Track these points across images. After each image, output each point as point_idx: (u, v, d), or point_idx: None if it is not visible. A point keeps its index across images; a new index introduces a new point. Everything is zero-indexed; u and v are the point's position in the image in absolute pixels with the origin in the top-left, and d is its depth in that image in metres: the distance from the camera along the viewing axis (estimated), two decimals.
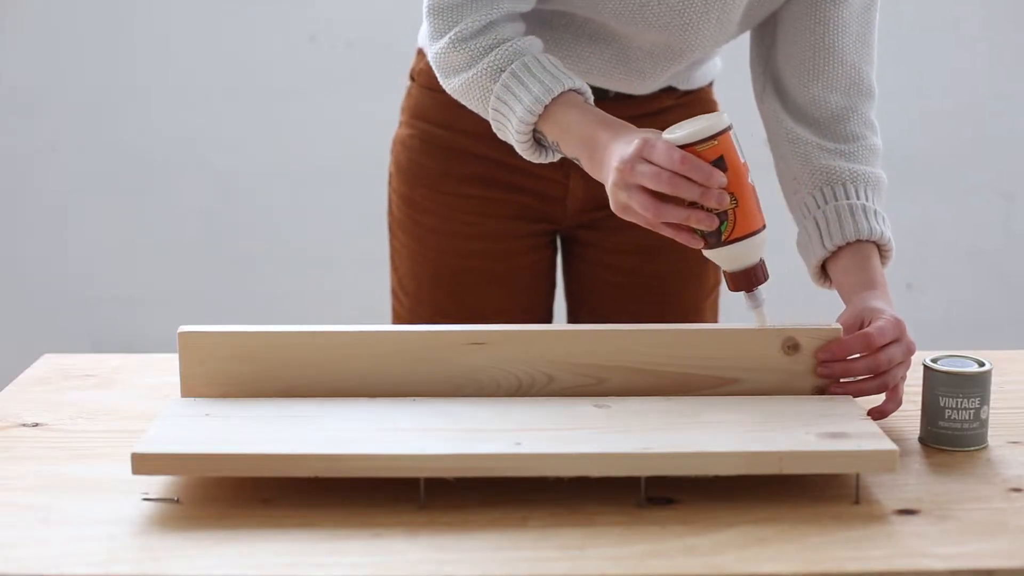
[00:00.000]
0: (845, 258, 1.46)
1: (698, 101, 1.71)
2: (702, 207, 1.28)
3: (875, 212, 1.47)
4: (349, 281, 3.09)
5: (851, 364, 1.34)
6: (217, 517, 1.16)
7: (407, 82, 1.74)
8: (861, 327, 1.37)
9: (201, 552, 1.10)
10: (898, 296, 1.42)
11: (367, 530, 1.14)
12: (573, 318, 1.79)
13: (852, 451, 1.19)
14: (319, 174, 3.13)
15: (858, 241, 1.46)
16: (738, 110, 1.79)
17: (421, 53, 1.70)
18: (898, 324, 1.35)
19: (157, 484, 1.22)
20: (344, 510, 1.17)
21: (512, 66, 1.39)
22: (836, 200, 1.47)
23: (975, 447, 1.32)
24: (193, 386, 1.34)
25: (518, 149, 1.43)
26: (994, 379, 1.33)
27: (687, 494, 1.20)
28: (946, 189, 3.18)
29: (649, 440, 1.20)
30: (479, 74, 1.41)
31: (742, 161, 1.30)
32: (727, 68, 1.78)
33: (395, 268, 1.79)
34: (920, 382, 1.34)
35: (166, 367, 1.54)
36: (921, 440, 1.34)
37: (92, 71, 3.07)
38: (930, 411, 1.33)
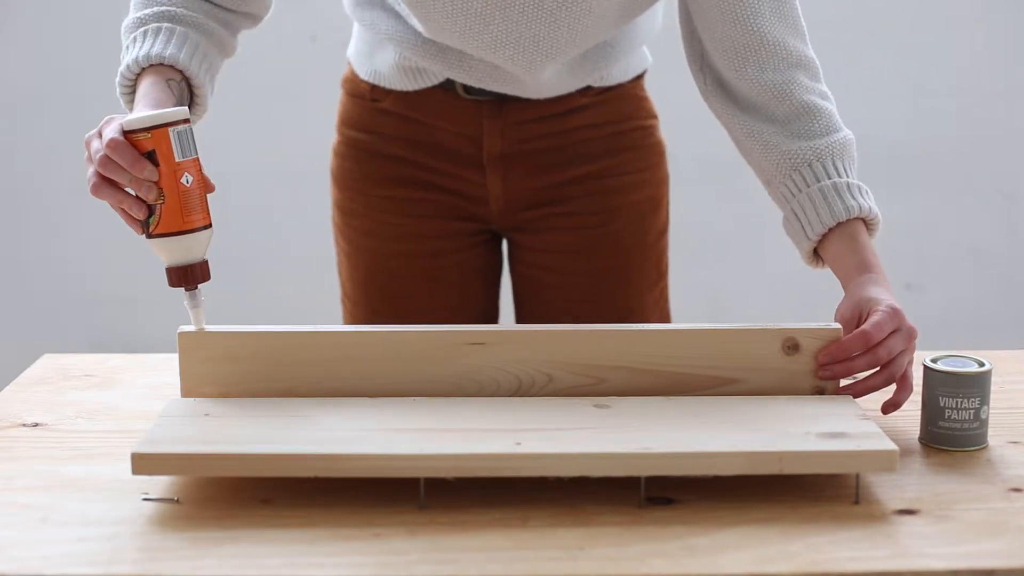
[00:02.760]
0: (833, 243, 1.45)
1: (621, 97, 1.71)
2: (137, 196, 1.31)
3: (847, 186, 1.45)
4: None
5: (852, 363, 1.34)
6: (217, 517, 1.16)
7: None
8: (860, 319, 1.37)
9: (201, 552, 1.10)
10: (898, 296, 1.42)
11: (367, 530, 1.14)
12: (519, 319, 1.79)
13: (852, 451, 1.19)
14: (318, 174, 3.10)
15: (839, 223, 1.44)
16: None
17: (348, 63, 1.76)
18: (895, 313, 1.34)
19: (157, 484, 1.22)
20: (344, 510, 1.17)
21: (150, 25, 1.44)
22: (808, 186, 1.46)
23: (975, 447, 1.32)
24: (193, 386, 1.34)
25: (121, 101, 1.46)
26: (994, 379, 1.33)
27: (687, 494, 1.20)
28: (947, 188, 3.18)
29: (649, 440, 1.20)
30: (132, 21, 1.46)
31: (178, 160, 1.31)
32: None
33: (339, 274, 1.81)
34: (920, 382, 1.34)
35: (166, 367, 1.54)
36: (921, 440, 1.34)
37: (92, 71, 3.07)
38: (930, 411, 1.32)
